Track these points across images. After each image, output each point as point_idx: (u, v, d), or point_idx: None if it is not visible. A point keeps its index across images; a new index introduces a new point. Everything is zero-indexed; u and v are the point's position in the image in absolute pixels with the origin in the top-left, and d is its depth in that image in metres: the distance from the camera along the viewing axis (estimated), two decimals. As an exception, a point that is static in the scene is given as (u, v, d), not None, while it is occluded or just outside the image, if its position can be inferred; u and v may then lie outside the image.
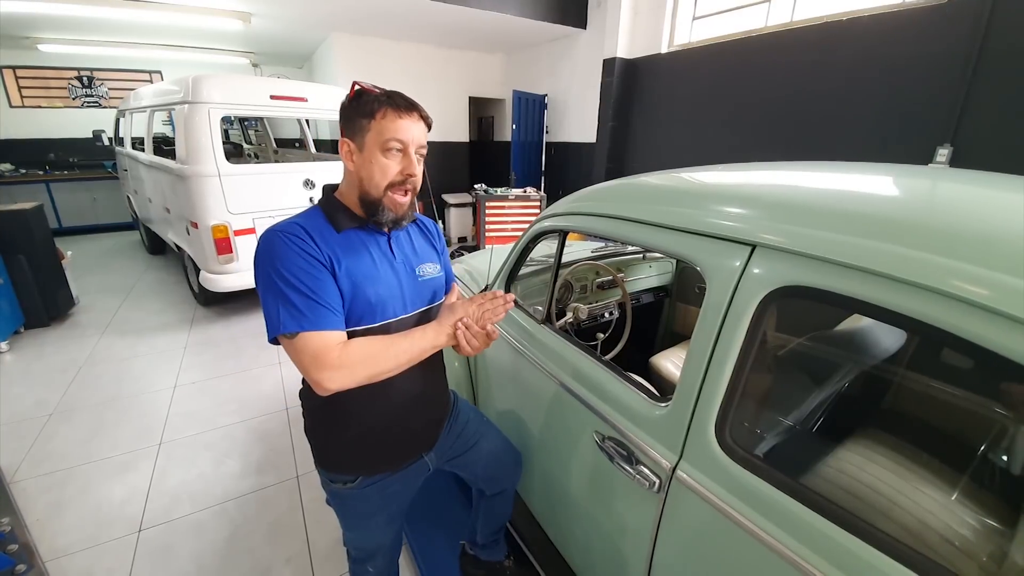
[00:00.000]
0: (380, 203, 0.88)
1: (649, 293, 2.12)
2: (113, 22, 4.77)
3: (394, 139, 0.85)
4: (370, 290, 0.88)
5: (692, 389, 0.80)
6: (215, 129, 3.08)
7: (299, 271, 0.80)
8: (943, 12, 2.62)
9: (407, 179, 0.88)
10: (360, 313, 0.87)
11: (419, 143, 0.88)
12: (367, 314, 0.88)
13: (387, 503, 1.07)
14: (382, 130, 0.84)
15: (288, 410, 2.48)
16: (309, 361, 0.78)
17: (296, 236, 0.83)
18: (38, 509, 1.81)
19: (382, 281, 0.90)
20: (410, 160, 0.87)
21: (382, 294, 0.90)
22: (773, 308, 0.73)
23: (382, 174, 0.86)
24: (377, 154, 0.86)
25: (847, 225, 0.67)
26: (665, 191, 1.05)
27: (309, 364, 0.78)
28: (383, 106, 0.84)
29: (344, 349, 0.80)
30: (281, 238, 0.83)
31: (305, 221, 0.88)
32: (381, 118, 0.84)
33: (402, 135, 0.85)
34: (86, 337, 3.30)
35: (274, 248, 0.82)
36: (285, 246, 0.82)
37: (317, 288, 0.81)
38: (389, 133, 0.84)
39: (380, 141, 0.85)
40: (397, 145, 0.85)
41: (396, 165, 0.87)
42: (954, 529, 0.77)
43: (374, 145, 0.86)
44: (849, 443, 0.96)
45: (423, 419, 1.07)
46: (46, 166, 6.08)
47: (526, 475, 1.35)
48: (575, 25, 4.95)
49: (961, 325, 0.53)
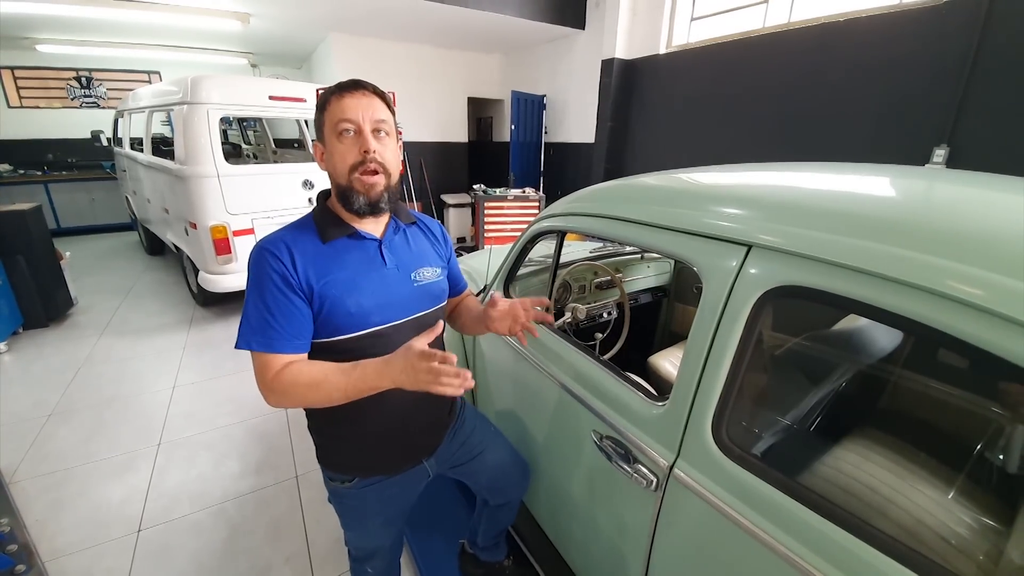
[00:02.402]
0: (350, 189, 0.88)
1: (647, 293, 2.12)
2: (112, 23, 4.76)
3: (342, 120, 0.84)
4: (350, 301, 0.87)
5: (689, 388, 0.80)
6: (214, 129, 3.08)
7: (266, 292, 0.83)
8: (940, 13, 2.63)
9: (365, 157, 0.85)
10: (338, 324, 0.87)
11: (373, 118, 0.86)
12: (347, 324, 0.88)
13: (385, 506, 1.07)
14: (331, 116, 0.85)
15: (287, 411, 2.48)
16: (256, 377, 0.84)
17: (274, 255, 0.84)
18: (37, 509, 1.80)
19: (366, 290, 0.90)
20: (365, 138, 0.85)
21: (365, 304, 0.89)
22: (769, 308, 0.73)
23: (341, 159, 0.86)
24: (333, 141, 0.86)
25: (843, 225, 0.67)
26: (662, 192, 1.05)
27: (256, 380, 0.84)
28: (330, 95, 0.86)
29: (280, 374, 0.82)
30: (261, 256, 0.85)
31: (291, 235, 0.89)
32: (330, 106, 0.86)
33: (349, 114, 0.84)
34: (85, 338, 3.30)
35: (254, 264, 0.86)
36: (262, 264, 0.84)
37: (276, 311, 0.82)
38: (337, 116, 0.85)
39: (332, 127, 0.86)
40: (347, 126, 0.85)
41: (352, 146, 0.86)
42: (951, 528, 0.77)
43: (330, 134, 0.86)
44: (846, 442, 0.97)
45: (423, 425, 1.06)
46: (45, 167, 6.07)
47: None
48: (573, 26, 4.95)
49: (956, 325, 0.53)
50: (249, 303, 0.84)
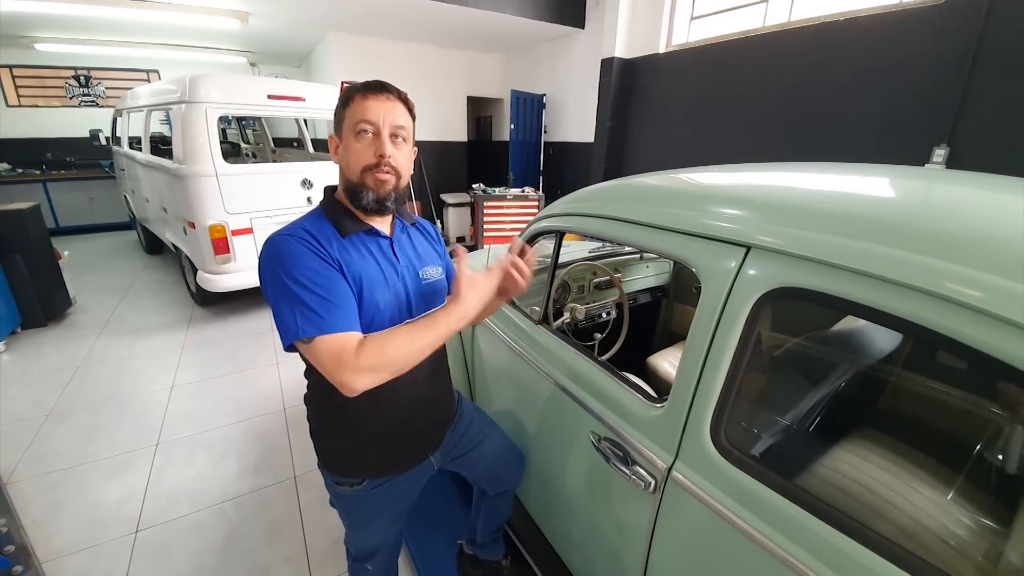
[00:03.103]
0: (360, 186, 0.87)
1: (646, 293, 2.12)
2: (110, 21, 4.75)
3: (362, 120, 0.84)
4: (379, 295, 0.87)
5: (687, 390, 0.80)
6: (212, 128, 3.07)
7: (311, 272, 0.78)
8: (940, 12, 2.62)
9: (381, 160, 0.86)
10: (369, 318, 0.86)
11: (393, 123, 0.86)
12: (375, 320, 0.87)
13: (393, 503, 1.08)
14: (352, 114, 0.85)
15: (286, 410, 2.47)
16: (332, 365, 0.76)
17: (303, 239, 0.82)
18: (35, 510, 1.80)
19: (388, 286, 0.90)
20: (382, 142, 0.85)
21: (389, 299, 0.89)
22: (768, 309, 0.73)
23: (356, 158, 0.86)
24: (351, 139, 0.86)
25: (842, 227, 0.67)
26: (661, 192, 1.05)
27: (332, 367, 0.76)
28: (354, 93, 0.86)
29: (364, 349, 0.77)
30: (289, 241, 0.81)
31: (310, 225, 0.87)
32: (352, 104, 0.85)
33: (370, 115, 0.84)
34: (83, 337, 3.29)
35: (282, 252, 0.80)
36: (294, 248, 0.80)
37: (332, 289, 0.79)
38: (358, 115, 0.85)
39: (352, 125, 0.86)
40: (366, 127, 0.85)
41: (368, 148, 0.86)
42: (949, 529, 0.77)
43: (348, 131, 0.87)
44: (844, 443, 0.96)
45: (429, 422, 1.07)
46: (43, 166, 6.06)
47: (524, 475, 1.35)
48: (573, 25, 4.94)
49: (955, 327, 0.53)
50: (286, 294, 0.77)
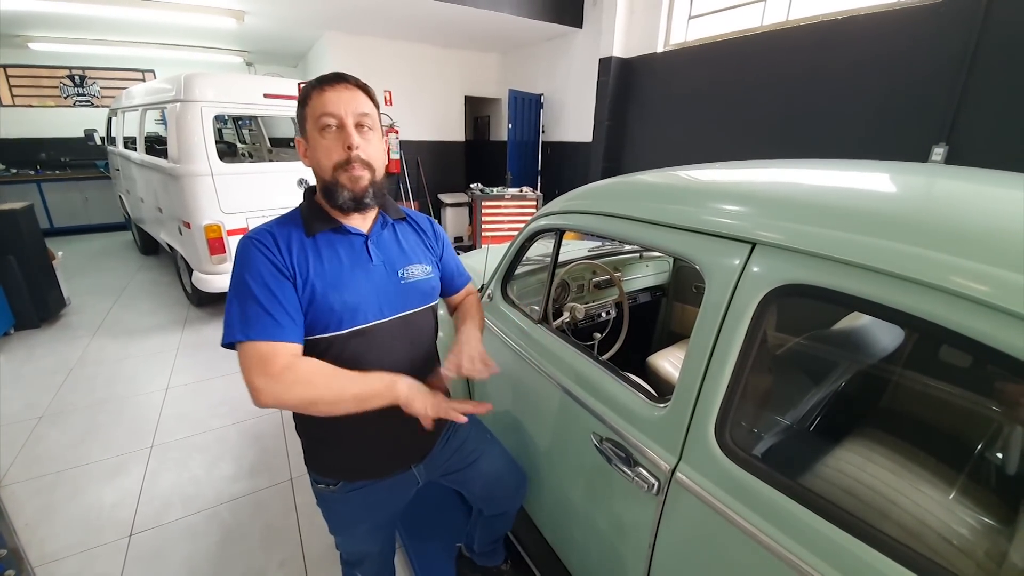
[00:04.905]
0: (335, 185, 0.86)
1: (646, 292, 2.11)
2: (105, 20, 4.72)
3: (324, 114, 0.83)
4: (334, 297, 0.85)
5: (691, 389, 0.78)
6: (208, 128, 3.05)
7: (261, 279, 0.81)
8: (938, 11, 2.62)
9: (349, 155, 0.84)
10: (325, 321, 0.85)
11: (356, 111, 0.84)
12: (332, 322, 0.86)
13: (371, 512, 1.04)
14: (313, 110, 0.84)
15: (281, 412, 2.45)
16: (252, 366, 0.77)
17: (263, 244, 0.83)
18: (27, 513, 1.77)
19: (350, 287, 0.88)
20: (348, 133, 0.83)
21: (349, 300, 0.87)
22: (773, 307, 0.72)
23: (326, 155, 0.85)
24: (316, 137, 0.85)
25: (848, 222, 0.66)
26: (663, 189, 1.03)
27: (250, 369, 0.77)
28: (311, 89, 0.84)
29: (287, 364, 0.78)
30: (249, 245, 0.84)
31: (278, 227, 0.88)
32: (311, 100, 0.84)
33: (331, 107, 0.83)
34: (77, 339, 3.26)
35: (242, 255, 0.84)
36: (251, 253, 0.82)
37: (276, 298, 0.80)
38: (319, 110, 0.83)
39: (314, 121, 0.84)
40: (329, 120, 0.83)
41: (335, 142, 0.84)
42: (953, 528, 0.76)
43: (312, 129, 0.85)
44: (848, 443, 0.95)
45: (406, 430, 1.00)
46: (37, 166, 6.02)
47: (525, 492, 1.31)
48: (571, 24, 4.94)
49: (962, 322, 0.53)
50: (239, 294, 0.81)
